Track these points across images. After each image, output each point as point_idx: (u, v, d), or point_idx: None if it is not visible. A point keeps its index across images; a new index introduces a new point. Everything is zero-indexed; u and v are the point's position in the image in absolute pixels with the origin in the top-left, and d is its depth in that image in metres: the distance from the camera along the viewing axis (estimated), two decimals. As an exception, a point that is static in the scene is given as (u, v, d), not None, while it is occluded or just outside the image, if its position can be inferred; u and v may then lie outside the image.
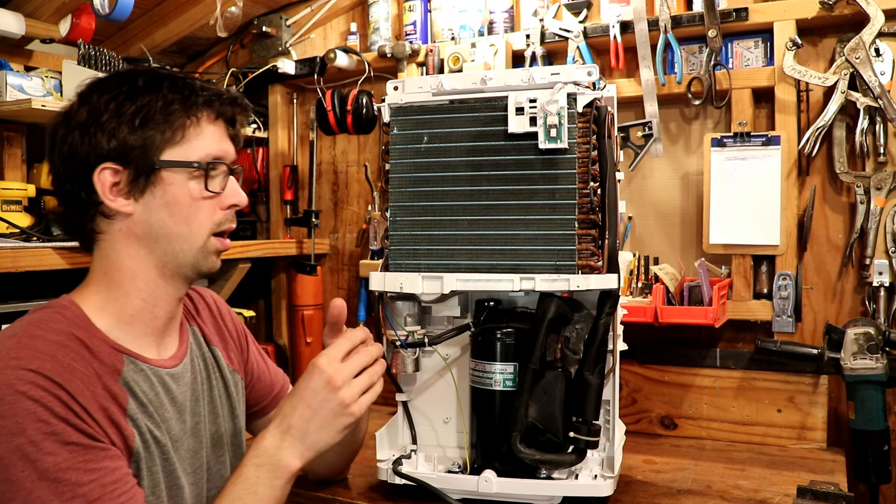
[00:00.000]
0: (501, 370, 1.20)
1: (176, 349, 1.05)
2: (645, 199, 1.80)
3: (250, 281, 2.03)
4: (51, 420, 0.82)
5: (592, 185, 1.15)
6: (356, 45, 2.05)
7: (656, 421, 1.69)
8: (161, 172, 0.97)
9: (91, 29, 1.70)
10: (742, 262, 1.64)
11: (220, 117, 1.03)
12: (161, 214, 0.98)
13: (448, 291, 1.19)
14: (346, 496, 1.28)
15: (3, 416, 0.80)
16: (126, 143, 0.95)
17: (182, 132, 0.98)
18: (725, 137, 1.64)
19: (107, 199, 0.96)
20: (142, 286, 0.99)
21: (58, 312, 0.93)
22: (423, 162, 1.22)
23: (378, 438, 1.29)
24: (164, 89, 0.98)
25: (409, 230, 1.23)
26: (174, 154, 0.97)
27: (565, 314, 1.17)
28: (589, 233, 1.15)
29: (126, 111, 0.95)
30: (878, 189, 1.55)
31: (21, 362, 0.83)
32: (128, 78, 0.99)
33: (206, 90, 1.01)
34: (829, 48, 1.61)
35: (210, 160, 1.00)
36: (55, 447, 0.81)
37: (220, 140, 1.02)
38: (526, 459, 1.13)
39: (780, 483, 1.32)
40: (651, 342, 1.72)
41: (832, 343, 1.48)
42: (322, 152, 2.19)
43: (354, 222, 2.16)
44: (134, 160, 0.96)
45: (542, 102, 1.14)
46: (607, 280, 1.14)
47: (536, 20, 1.80)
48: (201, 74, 2.17)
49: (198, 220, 1.00)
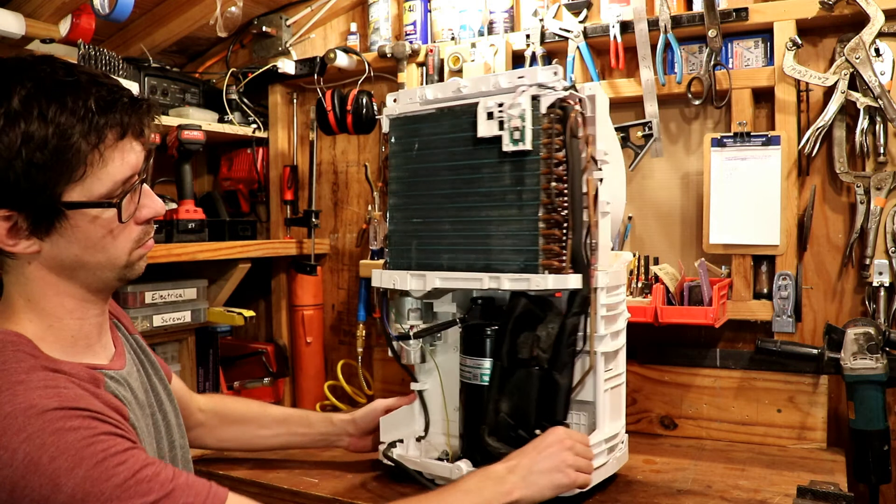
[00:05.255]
0: (480, 365, 1.27)
1: (114, 348, 1.03)
2: (645, 199, 1.80)
3: (250, 281, 2.03)
4: (100, 438, 0.80)
5: (557, 186, 1.15)
6: (356, 45, 2.05)
7: (656, 421, 1.69)
8: (67, 214, 0.86)
9: (91, 29, 1.70)
10: (742, 262, 1.64)
11: (125, 134, 0.88)
12: (73, 250, 0.89)
13: (430, 289, 1.26)
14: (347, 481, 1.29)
15: (55, 457, 0.77)
16: (18, 187, 0.82)
17: (84, 168, 0.84)
18: (725, 137, 1.64)
19: (5, 245, 0.86)
20: (72, 307, 0.93)
21: (17, 350, 0.87)
22: (414, 168, 1.31)
23: (382, 422, 1.38)
24: (50, 112, 0.82)
25: (403, 232, 1.33)
26: (77, 193, 0.85)
27: (534, 313, 1.20)
28: (553, 233, 1.15)
29: (10, 144, 0.81)
30: (878, 189, 1.55)
31: (38, 408, 0.79)
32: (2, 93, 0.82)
33: (105, 101, 0.86)
34: (829, 48, 1.61)
35: (120, 188, 0.88)
36: (119, 458, 0.80)
37: (128, 157, 0.89)
38: (493, 452, 1.18)
39: (780, 483, 1.32)
40: (651, 342, 1.72)
41: (832, 343, 1.48)
42: (322, 152, 2.19)
43: (354, 222, 2.16)
44: (30, 204, 0.84)
45: (505, 106, 1.17)
46: (566, 280, 1.15)
47: (536, 20, 1.80)
48: (201, 74, 2.18)
49: (115, 247, 0.92)
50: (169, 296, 1.75)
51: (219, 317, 1.88)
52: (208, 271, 1.91)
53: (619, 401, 1.32)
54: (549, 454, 1.12)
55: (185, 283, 1.81)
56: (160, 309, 1.73)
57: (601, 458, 1.23)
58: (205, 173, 2.35)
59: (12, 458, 0.76)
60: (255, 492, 1.38)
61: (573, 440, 1.15)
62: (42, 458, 0.76)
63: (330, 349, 2.20)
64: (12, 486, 0.76)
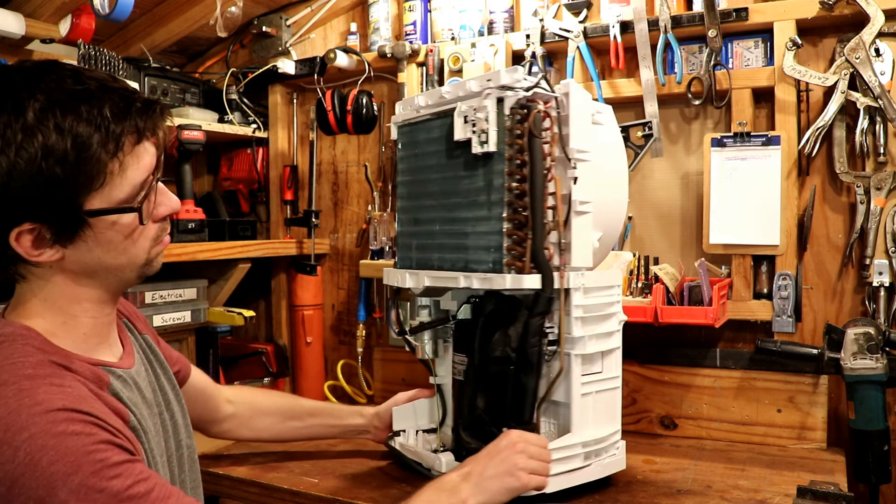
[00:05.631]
0: (463, 361, 1.31)
1: (122, 347, 1.04)
2: (645, 199, 1.80)
3: (250, 281, 2.04)
4: (99, 447, 0.80)
5: (520, 186, 1.16)
6: (356, 45, 2.06)
7: (656, 421, 1.69)
8: (89, 222, 0.87)
9: (91, 29, 1.70)
10: (742, 262, 1.64)
11: (142, 139, 0.90)
12: (95, 254, 0.90)
13: (423, 287, 1.30)
14: (347, 481, 1.29)
15: (54, 461, 0.77)
16: (40, 201, 0.83)
17: (104, 176, 0.86)
18: (725, 137, 1.64)
19: (31, 257, 0.87)
20: (88, 306, 0.95)
21: (25, 344, 0.88)
22: (414, 172, 1.37)
23: (394, 413, 1.45)
24: (66, 123, 0.82)
25: (407, 233, 1.39)
26: (98, 201, 0.87)
27: (503, 312, 1.21)
28: (517, 233, 1.16)
29: (30, 158, 0.81)
30: (878, 189, 1.55)
31: (43, 406, 0.79)
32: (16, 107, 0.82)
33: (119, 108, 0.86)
34: (829, 48, 1.61)
35: (138, 191, 0.90)
36: (114, 470, 0.80)
37: (144, 160, 0.90)
38: (466, 447, 1.24)
39: (780, 483, 1.32)
40: (651, 342, 1.72)
41: (832, 343, 1.48)
42: (322, 152, 2.19)
43: (354, 222, 2.16)
44: (53, 216, 0.85)
45: (473, 109, 1.19)
46: (521, 280, 1.15)
47: (536, 20, 1.80)
48: (201, 74, 2.18)
49: (136, 247, 0.93)
50: (169, 296, 1.76)
51: (219, 317, 1.89)
52: (208, 271, 1.91)
53: (610, 405, 1.29)
54: (501, 459, 1.13)
55: (185, 283, 1.81)
56: (160, 309, 1.74)
57: (574, 463, 1.22)
58: (205, 173, 2.35)
59: (14, 455, 0.77)
60: (255, 492, 1.38)
61: (526, 443, 1.15)
62: (42, 459, 0.77)
63: (330, 349, 2.20)
64: (11, 483, 0.76)
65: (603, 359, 1.28)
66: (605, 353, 1.28)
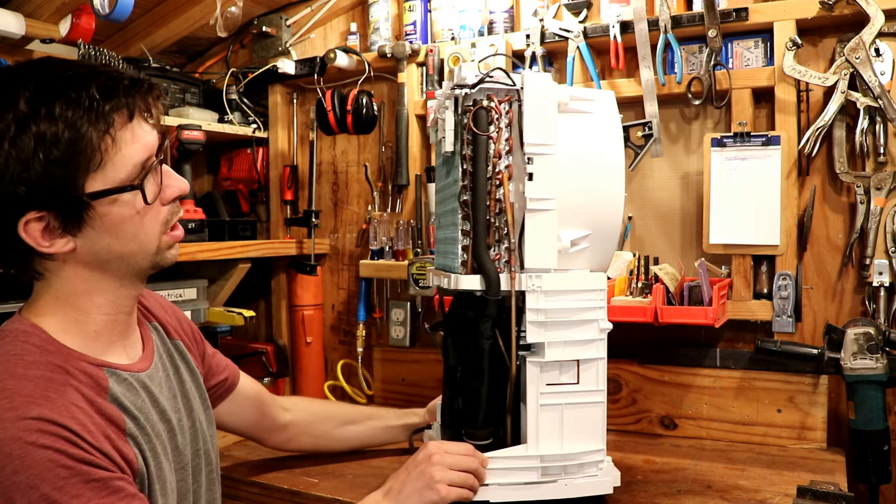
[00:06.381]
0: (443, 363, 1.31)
1: (142, 349, 1.03)
2: (645, 199, 1.80)
3: (250, 281, 2.03)
4: (68, 463, 0.79)
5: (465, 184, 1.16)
6: (356, 45, 2.05)
7: (656, 421, 1.69)
8: (92, 204, 0.88)
9: (91, 29, 1.70)
10: (742, 262, 1.64)
11: (133, 115, 0.90)
12: (105, 241, 0.91)
13: (435, 286, 1.31)
14: (347, 481, 1.29)
15: (18, 471, 0.76)
16: (41, 186, 0.84)
17: (100, 155, 0.87)
18: (725, 137, 1.64)
19: (42, 247, 0.89)
20: (101, 302, 0.95)
21: (25, 342, 0.88)
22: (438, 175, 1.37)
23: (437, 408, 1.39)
24: (57, 109, 0.84)
25: (436, 235, 1.41)
26: (99, 182, 0.87)
27: (467, 315, 1.19)
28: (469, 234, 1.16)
29: (25, 146, 0.83)
30: (878, 189, 1.55)
31: (19, 412, 0.79)
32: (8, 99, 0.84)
33: (106, 87, 0.87)
34: (829, 48, 1.61)
35: (139, 171, 0.90)
36: (79, 489, 0.79)
37: (142, 138, 0.91)
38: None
39: (780, 483, 1.32)
40: (651, 342, 1.72)
41: (832, 343, 1.48)
42: (322, 152, 2.19)
43: (354, 222, 2.16)
44: (57, 202, 0.86)
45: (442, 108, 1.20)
46: (458, 280, 1.14)
47: (536, 20, 1.80)
48: (201, 74, 2.18)
49: (144, 231, 0.94)
50: (169, 296, 1.75)
51: (219, 317, 1.89)
52: (208, 271, 1.91)
53: (588, 421, 1.18)
54: (418, 473, 1.11)
55: (185, 283, 1.81)
56: (160, 309, 1.73)
57: (526, 476, 1.15)
58: (205, 173, 2.35)
59: None
60: (255, 492, 1.38)
61: (443, 454, 1.13)
62: (6, 467, 0.77)
63: (330, 349, 2.20)
64: None
65: (579, 369, 1.18)
66: (583, 362, 1.18)
